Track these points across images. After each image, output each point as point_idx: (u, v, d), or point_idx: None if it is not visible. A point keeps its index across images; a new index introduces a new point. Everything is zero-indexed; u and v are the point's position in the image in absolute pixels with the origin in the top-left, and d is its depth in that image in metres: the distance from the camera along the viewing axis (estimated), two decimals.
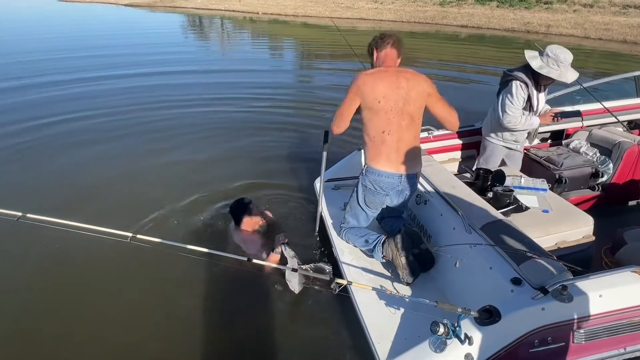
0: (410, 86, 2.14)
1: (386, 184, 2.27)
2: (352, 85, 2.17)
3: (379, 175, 2.26)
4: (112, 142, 5.15)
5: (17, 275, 2.81)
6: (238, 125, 5.80)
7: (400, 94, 2.14)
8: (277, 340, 2.29)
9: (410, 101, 2.15)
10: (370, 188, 2.33)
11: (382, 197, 2.35)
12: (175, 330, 2.35)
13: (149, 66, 9.74)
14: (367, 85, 2.13)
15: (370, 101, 2.14)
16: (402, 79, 2.15)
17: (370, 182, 2.31)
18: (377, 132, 2.19)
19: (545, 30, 16.89)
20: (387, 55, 2.26)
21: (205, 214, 3.44)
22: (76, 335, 2.31)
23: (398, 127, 2.18)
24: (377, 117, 2.16)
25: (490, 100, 3.25)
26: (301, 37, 16.86)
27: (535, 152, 3.46)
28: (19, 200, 3.69)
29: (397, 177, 2.26)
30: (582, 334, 1.64)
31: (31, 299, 2.61)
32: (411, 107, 2.17)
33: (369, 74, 2.17)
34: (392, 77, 2.15)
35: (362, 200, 2.41)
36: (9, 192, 3.88)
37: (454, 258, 1.99)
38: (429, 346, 1.58)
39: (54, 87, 7.72)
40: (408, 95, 2.14)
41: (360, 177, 2.39)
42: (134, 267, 2.79)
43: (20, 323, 2.40)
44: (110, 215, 3.38)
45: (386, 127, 2.17)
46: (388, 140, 2.19)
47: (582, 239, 2.44)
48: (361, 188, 2.39)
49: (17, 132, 5.40)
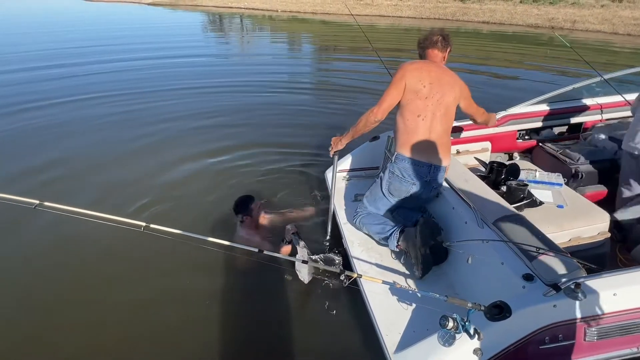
0: (452, 82, 2.29)
1: (415, 172, 2.28)
2: (398, 72, 2.26)
3: (408, 163, 2.28)
4: (129, 130, 5.26)
5: (33, 262, 2.88)
6: (252, 114, 5.83)
7: (442, 84, 2.24)
8: (286, 330, 2.31)
9: (450, 95, 2.26)
10: (398, 175, 2.33)
11: (408, 186, 2.34)
12: (186, 319, 2.39)
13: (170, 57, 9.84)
14: (414, 71, 2.24)
15: (414, 84, 2.22)
16: (447, 74, 2.29)
17: (398, 169, 2.32)
18: (412, 115, 2.24)
19: (570, 26, 16.42)
20: (432, 54, 2.38)
21: (219, 204, 3.47)
22: (89, 323, 2.36)
23: (432, 115, 2.26)
24: (416, 101, 2.22)
25: (509, 95, 3.19)
26: (320, 34, 16.73)
27: (551, 145, 3.39)
28: (39, 188, 3.80)
29: (427, 167, 2.28)
30: (594, 332, 1.63)
31: (46, 286, 2.67)
32: (449, 100, 2.27)
33: (416, 62, 2.31)
34: (437, 69, 2.29)
35: (387, 187, 2.42)
36: (32, 180, 3.98)
37: (466, 253, 1.97)
38: (438, 340, 1.58)
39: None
40: (449, 89, 2.26)
41: (388, 164, 2.40)
42: (147, 256, 2.84)
43: (34, 310, 2.46)
44: (124, 205, 3.46)
45: (422, 112, 2.23)
46: (421, 126, 2.24)
47: (598, 235, 2.40)
48: (388, 175, 2.39)
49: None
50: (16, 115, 5.87)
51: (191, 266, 2.75)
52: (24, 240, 3.08)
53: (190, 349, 2.19)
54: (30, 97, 6.72)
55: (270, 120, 5.64)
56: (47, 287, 2.66)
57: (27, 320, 2.39)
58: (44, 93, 6.99)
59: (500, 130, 3.55)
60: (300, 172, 4.10)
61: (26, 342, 2.24)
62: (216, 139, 4.94)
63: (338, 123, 5.14)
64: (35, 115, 5.89)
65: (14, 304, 2.53)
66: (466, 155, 3.48)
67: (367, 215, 2.51)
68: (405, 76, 2.23)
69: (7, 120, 5.63)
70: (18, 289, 2.65)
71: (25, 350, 2.18)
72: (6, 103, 6.38)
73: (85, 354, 2.18)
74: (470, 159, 3.39)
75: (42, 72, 8.54)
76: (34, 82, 7.81)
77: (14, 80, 8.00)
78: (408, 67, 2.25)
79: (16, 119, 5.68)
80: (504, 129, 3.55)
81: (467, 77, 8.08)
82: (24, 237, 3.12)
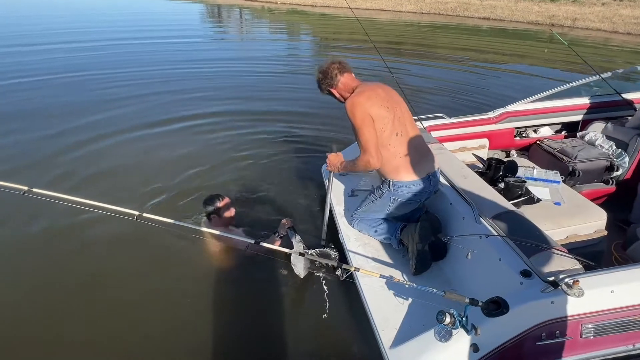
0: (390, 90, 2.24)
1: (419, 191, 2.20)
2: (356, 112, 2.07)
3: (410, 186, 2.18)
4: (128, 119, 5.22)
5: (21, 251, 2.83)
6: (250, 105, 5.84)
7: (393, 98, 2.19)
8: (280, 325, 2.29)
9: (401, 102, 2.23)
10: (402, 201, 2.25)
11: (414, 205, 2.29)
12: (177, 310, 2.37)
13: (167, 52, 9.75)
14: (368, 101, 2.08)
15: (378, 113, 2.09)
16: (381, 86, 2.21)
17: (400, 196, 2.22)
18: (390, 137, 2.13)
19: (571, 23, 16.47)
20: (346, 81, 2.22)
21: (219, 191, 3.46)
22: (78, 311, 2.34)
23: (406, 129, 2.19)
24: (388, 125, 2.11)
25: (507, 92, 3.19)
26: (319, 27, 16.63)
27: (548, 143, 3.39)
28: (30, 173, 3.76)
29: (427, 179, 2.21)
30: (591, 329, 1.62)
31: (34, 273, 2.63)
32: (404, 106, 2.23)
33: (359, 93, 2.13)
34: (378, 87, 2.18)
35: (390, 211, 2.33)
36: (20, 165, 3.93)
37: (463, 248, 1.96)
38: (434, 335, 1.57)
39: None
40: (399, 99, 2.22)
41: (386, 193, 2.26)
42: (140, 245, 2.80)
43: (22, 299, 2.43)
44: (117, 193, 3.43)
45: (397, 129, 2.14)
46: (404, 143, 2.15)
47: (594, 233, 2.40)
48: (390, 202, 2.28)
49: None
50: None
51: (183, 257, 2.72)
52: (11, 228, 3.02)
53: (180, 341, 2.17)
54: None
55: (267, 112, 5.63)
56: (36, 275, 2.62)
57: (16, 308, 2.36)
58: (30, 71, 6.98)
59: (498, 128, 3.54)
60: (297, 164, 4.09)
61: (15, 330, 2.21)
62: (212, 129, 4.94)
63: (336, 115, 5.11)
64: (20, 97, 5.87)
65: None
66: (464, 152, 3.46)
67: (366, 219, 2.47)
68: (366, 110, 2.06)
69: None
70: (5, 276, 2.60)
71: (14, 338, 2.15)
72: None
73: (73, 341, 2.15)
74: (468, 156, 3.38)
75: (28, 58, 8.41)
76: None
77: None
78: (361, 102, 2.08)
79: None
80: (501, 127, 3.55)
81: (465, 75, 8.11)
82: (11, 224, 3.06)
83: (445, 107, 5.78)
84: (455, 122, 3.39)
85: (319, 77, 2.22)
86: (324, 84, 2.22)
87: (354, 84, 2.21)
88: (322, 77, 2.21)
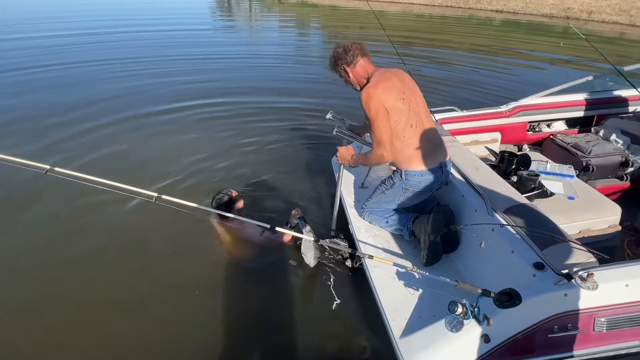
0: (405, 77, 2.19)
1: (431, 181, 2.20)
2: (371, 103, 2.03)
3: (422, 175, 2.18)
4: (149, 105, 5.35)
5: (41, 228, 2.90)
6: (262, 98, 5.84)
7: (409, 86, 2.15)
8: (290, 313, 2.31)
9: (417, 91, 2.18)
10: (414, 190, 2.24)
11: (426, 195, 2.28)
12: (188, 293, 2.39)
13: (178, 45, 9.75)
14: (384, 93, 2.04)
15: (393, 105, 2.05)
16: (399, 74, 2.17)
17: (413, 185, 2.22)
18: (405, 128, 2.11)
19: (586, 16, 16.14)
20: (364, 64, 2.16)
21: (229, 179, 3.54)
22: (94, 291, 2.39)
23: (420, 119, 2.17)
24: (403, 117, 2.08)
25: (521, 86, 3.16)
26: (329, 20, 16.51)
27: (562, 138, 3.34)
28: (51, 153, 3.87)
29: (439, 169, 2.20)
30: (604, 322, 1.61)
31: (53, 251, 2.69)
32: (420, 96, 2.19)
33: (375, 85, 2.08)
34: (394, 75, 2.13)
35: (401, 201, 2.32)
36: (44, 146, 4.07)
37: (477, 239, 1.95)
38: (445, 325, 1.57)
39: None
40: (412, 88, 2.17)
41: (400, 182, 2.25)
42: (157, 226, 2.85)
43: (40, 273, 2.49)
44: (137, 174, 3.53)
45: (412, 120, 2.12)
46: (417, 134, 2.14)
47: (608, 228, 2.38)
48: (402, 191, 2.27)
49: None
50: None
51: (199, 241, 2.77)
52: (33, 206, 3.10)
53: (190, 324, 2.20)
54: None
55: (278, 102, 5.65)
56: (55, 252, 2.68)
57: (34, 283, 2.43)
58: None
59: (511, 121, 3.50)
60: (306, 155, 4.11)
61: (30, 304, 2.27)
62: (228, 116, 5.03)
63: (347, 105, 5.10)
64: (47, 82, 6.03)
65: (20, 265, 2.55)
66: (476, 146, 3.44)
67: (377, 210, 2.46)
68: (382, 102, 2.03)
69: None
70: (26, 252, 2.68)
71: (30, 312, 2.21)
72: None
73: (90, 320, 2.19)
74: (480, 149, 3.35)
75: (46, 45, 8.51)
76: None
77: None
78: (378, 94, 2.03)
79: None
80: (514, 120, 3.51)
81: (477, 67, 8.01)
82: (32, 202, 3.14)
83: (458, 99, 5.73)
84: (467, 115, 3.36)
85: (339, 51, 2.15)
86: (342, 60, 2.14)
87: (370, 69, 2.17)
88: (342, 52, 2.14)
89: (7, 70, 6.76)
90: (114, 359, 2.00)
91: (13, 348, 2.00)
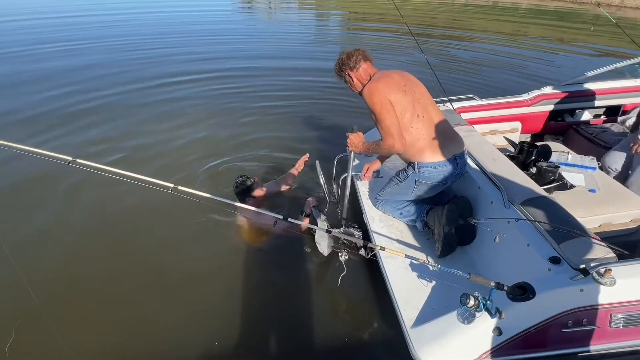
0: (409, 75, 2.21)
1: (445, 173, 2.17)
2: (375, 98, 2.07)
3: (435, 167, 2.15)
4: (163, 100, 5.37)
5: (64, 217, 3.02)
6: (281, 90, 5.82)
7: (411, 81, 2.17)
8: (303, 302, 2.35)
9: (418, 85, 2.20)
10: (427, 183, 2.22)
11: (440, 188, 2.26)
12: (204, 281, 2.46)
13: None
14: (387, 87, 2.08)
15: (397, 98, 2.07)
16: (395, 73, 2.18)
17: (426, 178, 2.20)
18: (412, 119, 2.11)
19: (619, 2, 15.37)
20: (367, 68, 2.21)
21: (245, 171, 3.52)
22: (110, 278, 2.48)
23: (426, 109, 2.16)
24: (409, 107, 2.09)
25: (544, 74, 3.06)
26: (348, 9, 16.21)
27: (586, 128, 3.24)
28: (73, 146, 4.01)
29: (453, 161, 2.17)
30: (621, 319, 1.58)
31: (74, 240, 2.80)
32: (422, 88, 2.20)
33: (375, 80, 2.14)
34: (395, 73, 2.17)
35: (415, 194, 2.31)
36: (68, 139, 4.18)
37: (492, 232, 1.93)
38: (457, 317, 1.57)
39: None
40: (413, 82, 2.19)
41: (412, 174, 2.23)
42: (173, 216, 2.93)
43: (59, 264, 2.59)
44: (154, 166, 3.62)
45: (418, 110, 2.12)
46: (426, 125, 2.13)
47: (630, 222, 2.31)
48: (415, 184, 2.26)
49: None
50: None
51: (214, 231, 2.82)
52: (56, 195, 3.23)
53: (206, 310, 2.27)
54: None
55: (301, 97, 5.60)
56: (76, 241, 2.79)
57: (49, 270, 2.53)
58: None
59: (532, 111, 3.41)
60: (320, 145, 4.10)
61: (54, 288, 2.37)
62: (247, 112, 5.01)
63: None
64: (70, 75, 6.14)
65: (45, 255, 2.65)
66: (494, 135, 3.36)
67: (391, 201, 2.45)
68: (385, 95, 2.06)
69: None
70: (49, 241, 2.78)
71: (49, 298, 2.30)
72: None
73: (105, 308, 2.28)
74: (499, 139, 3.28)
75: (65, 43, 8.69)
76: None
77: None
78: (379, 87, 2.08)
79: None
80: (535, 109, 3.41)
81: (500, 55, 7.79)
82: (56, 192, 3.26)
83: (477, 87, 5.60)
84: (486, 104, 3.29)
85: (343, 58, 2.23)
86: (346, 65, 2.21)
87: (372, 71, 2.23)
88: (345, 58, 2.22)
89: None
90: (128, 342, 2.09)
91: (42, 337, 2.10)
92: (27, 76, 6.08)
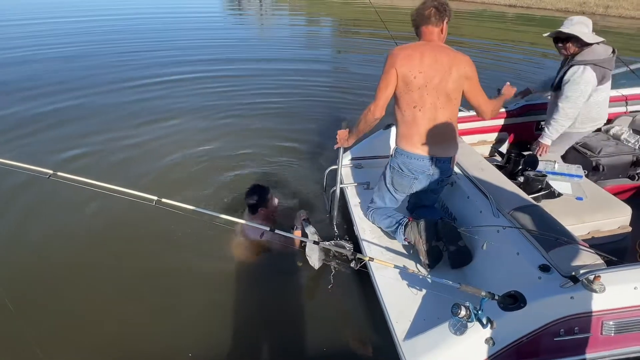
0: (452, 63, 1.99)
1: (415, 166, 2.15)
2: (387, 60, 2.02)
3: (408, 157, 2.14)
4: (148, 110, 5.34)
5: (43, 232, 2.94)
6: (270, 98, 5.85)
7: (437, 69, 1.98)
8: (294, 316, 2.31)
9: (448, 79, 1.99)
10: (397, 170, 2.21)
11: (410, 181, 2.23)
12: (191, 296, 2.41)
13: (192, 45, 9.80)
14: (403, 60, 1.98)
15: (404, 75, 1.99)
16: (443, 54, 1.99)
17: (398, 165, 2.19)
18: (408, 107, 2.05)
19: (603, 11, 15.80)
20: (427, 32, 2.06)
21: (230, 183, 3.54)
22: (95, 294, 2.42)
23: (432, 105, 2.03)
24: (410, 93, 2.02)
25: (530, 84, 3.17)
26: (340, 15, 16.46)
27: None
28: (54, 159, 3.91)
29: (427, 160, 2.12)
30: (612, 326, 1.58)
31: (54, 256, 2.72)
32: (449, 85, 2.00)
33: (404, 48, 2.03)
34: (430, 52, 1.99)
35: (390, 182, 2.30)
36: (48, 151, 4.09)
37: (481, 241, 1.93)
38: (449, 328, 1.55)
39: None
40: (447, 73, 1.99)
41: (390, 158, 2.28)
42: (157, 230, 2.86)
43: (40, 278, 2.52)
44: (136, 179, 3.56)
45: (418, 103, 2.03)
46: (419, 117, 2.05)
47: (618, 229, 2.33)
48: (389, 170, 2.28)
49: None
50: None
51: (201, 244, 2.76)
52: (35, 210, 3.15)
53: (194, 326, 2.21)
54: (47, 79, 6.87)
55: (286, 106, 5.62)
56: (56, 257, 2.71)
57: (34, 288, 2.46)
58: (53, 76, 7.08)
59: (519, 121, 3.46)
60: (312, 157, 4.08)
61: (31, 309, 2.29)
62: (231, 122, 5.00)
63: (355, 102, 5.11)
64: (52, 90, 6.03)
65: (21, 269, 2.58)
66: (483, 146, 3.40)
67: (377, 210, 2.44)
68: (395, 64, 1.98)
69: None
70: (27, 257, 2.71)
71: (31, 317, 2.23)
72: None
73: (89, 325, 2.21)
74: (488, 149, 3.32)
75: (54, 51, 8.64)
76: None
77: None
78: (397, 55, 1.99)
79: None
80: (522, 120, 3.46)
81: (487, 64, 7.90)
82: (35, 206, 3.18)
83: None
84: (474, 115, 3.31)
85: (414, 11, 2.09)
86: (414, 20, 2.08)
87: (425, 37, 2.07)
88: (414, 14, 2.09)
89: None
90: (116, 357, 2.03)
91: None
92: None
